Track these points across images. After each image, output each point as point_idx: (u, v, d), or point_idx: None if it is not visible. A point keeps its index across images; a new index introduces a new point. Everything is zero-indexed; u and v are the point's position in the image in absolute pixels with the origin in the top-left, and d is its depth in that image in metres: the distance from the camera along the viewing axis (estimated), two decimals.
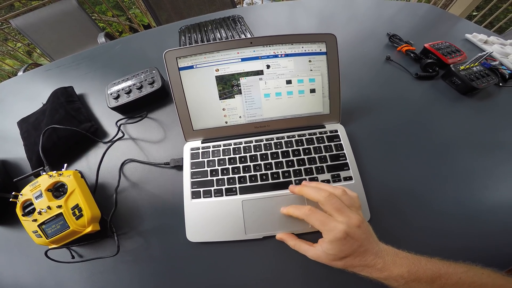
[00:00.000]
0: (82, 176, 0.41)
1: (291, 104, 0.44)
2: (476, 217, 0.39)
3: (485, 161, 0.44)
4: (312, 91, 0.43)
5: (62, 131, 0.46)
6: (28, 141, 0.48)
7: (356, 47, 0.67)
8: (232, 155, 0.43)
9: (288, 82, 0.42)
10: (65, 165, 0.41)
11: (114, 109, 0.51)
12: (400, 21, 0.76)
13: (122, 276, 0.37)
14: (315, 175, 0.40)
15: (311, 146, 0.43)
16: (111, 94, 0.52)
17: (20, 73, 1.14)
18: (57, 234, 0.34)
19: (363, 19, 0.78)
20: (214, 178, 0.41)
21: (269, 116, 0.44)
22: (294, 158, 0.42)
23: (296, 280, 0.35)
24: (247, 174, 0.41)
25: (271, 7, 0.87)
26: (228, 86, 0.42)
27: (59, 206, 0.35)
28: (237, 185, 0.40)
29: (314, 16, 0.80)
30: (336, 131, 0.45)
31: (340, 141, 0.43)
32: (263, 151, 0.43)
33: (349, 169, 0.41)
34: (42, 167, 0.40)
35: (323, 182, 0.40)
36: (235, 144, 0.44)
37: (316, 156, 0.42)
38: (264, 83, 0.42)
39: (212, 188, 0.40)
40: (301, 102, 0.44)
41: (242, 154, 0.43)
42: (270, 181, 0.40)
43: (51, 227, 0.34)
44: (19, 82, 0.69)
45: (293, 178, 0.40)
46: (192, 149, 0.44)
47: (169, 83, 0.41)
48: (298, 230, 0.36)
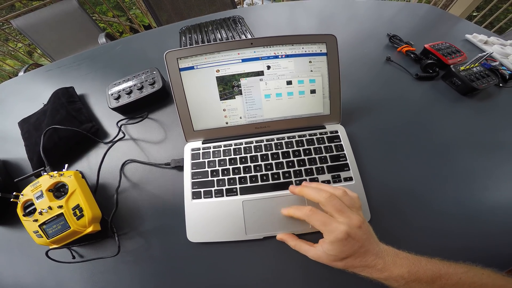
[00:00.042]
0: (83, 176, 0.41)
1: (292, 104, 0.44)
2: (476, 217, 0.39)
3: (485, 161, 0.44)
4: (313, 91, 0.43)
5: (63, 132, 0.46)
6: (29, 142, 0.48)
7: (356, 47, 0.67)
8: (232, 156, 0.43)
9: (289, 83, 0.43)
10: (66, 165, 0.41)
11: (115, 109, 0.52)
12: (400, 22, 0.76)
13: (123, 276, 0.37)
14: (315, 175, 0.40)
15: (311, 147, 0.43)
16: (112, 94, 0.52)
17: (21, 74, 1.14)
18: (58, 234, 0.34)
19: (363, 20, 0.78)
20: (215, 179, 0.41)
21: (270, 117, 0.45)
22: (295, 159, 0.42)
23: (297, 280, 0.35)
24: (247, 175, 0.41)
25: (271, 8, 0.88)
26: (228, 86, 0.42)
27: (60, 206, 0.35)
28: (238, 186, 0.40)
29: (314, 16, 0.80)
30: (337, 132, 0.45)
31: (340, 141, 0.44)
32: (263, 152, 0.43)
33: (349, 170, 0.41)
34: (43, 168, 0.41)
35: (324, 182, 0.40)
36: (235, 144, 0.44)
37: (317, 156, 0.42)
38: (264, 84, 0.42)
39: (213, 189, 0.40)
40: (301, 103, 0.44)
41: (243, 155, 0.43)
42: (271, 181, 0.40)
43: (52, 227, 0.34)
44: (20, 83, 0.69)
45: (293, 179, 0.40)
46: (192, 149, 0.44)
47: (169, 84, 0.41)
48: (298, 230, 0.36)
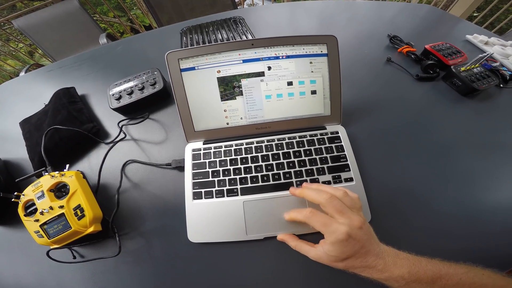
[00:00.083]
0: (84, 176, 0.41)
1: (292, 105, 0.44)
2: (477, 218, 0.39)
3: (485, 162, 0.44)
4: (313, 92, 0.44)
5: (64, 132, 0.47)
6: (30, 142, 0.48)
7: (357, 48, 0.67)
8: (233, 156, 0.43)
9: (289, 83, 0.43)
10: (67, 165, 0.41)
11: (116, 110, 0.52)
12: (400, 22, 0.76)
13: (123, 277, 0.37)
14: (316, 176, 0.40)
15: (312, 148, 0.43)
16: (113, 95, 0.52)
17: (22, 74, 1.14)
18: (59, 234, 0.34)
19: (364, 20, 0.78)
20: (216, 179, 0.41)
21: (270, 118, 0.45)
22: (295, 159, 0.42)
23: (297, 281, 0.35)
24: (248, 175, 0.41)
25: (271, 8, 0.88)
26: (229, 87, 0.42)
27: (61, 207, 0.35)
28: (238, 186, 0.40)
29: (314, 17, 0.80)
30: (337, 133, 0.45)
31: (341, 142, 0.44)
32: (264, 152, 0.43)
33: (350, 170, 0.41)
34: (44, 168, 0.41)
35: (324, 183, 0.40)
36: (236, 145, 0.44)
37: (317, 157, 0.42)
38: (265, 85, 0.42)
39: (214, 189, 0.40)
40: (302, 104, 0.44)
41: (243, 155, 0.43)
42: (271, 182, 0.40)
43: (53, 227, 0.34)
44: (21, 83, 0.69)
45: (294, 179, 0.40)
46: (193, 150, 0.44)
47: (171, 84, 0.41)
48: (299, 231, 0.37)
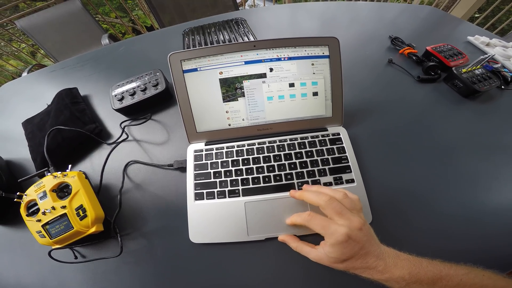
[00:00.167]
0: (87, 177, 0.41)
1: (294, 107, 0.44)
2: (477, 219, 0.39)
3: (487, 163, 0.44)
4: (315, 94, 0.44)
5: (66, 132, 0.47)
6: (33, 142, 0.48)
7: (358, 50, 0.67)
8: (235, 157, 0.43)
9: (291, 85, 0.43)
10: (70, 166, 0.41)
11: (118, 110, 0.52)
12: (402, 24, 0.76)
13: (125, 277, 0.37)
14: (317, 177, 0.41)
15: (313, 149, 0.43)
16: (115, 95, 0.52)
17: (25, 74, 1.15)
18: (61, 235, 0.34)
19: (365, 22, 0.78)
20: (217, 180, 0.41)
21: (272, 119, 0.45)
22: (297, 161, 0.42)
23: (298, 281, 0.35)
24: (249, 176, 0.41)
25: (273, 10, 0.88)
26: (231, 88, 0.42)
27: (63, 207, 0.35)
28: (240, 187, 0.40)
29: (316, 18, 0.80)
30: (339, 134, 0.45)
31: (342, 144, 0.44)
32: (265, 154, 0.43)
33: (351, 172, 0.41)
34: (46, 168, 0.41)
35: (326, 184, 0.40)
36: (238, 146, 0.44)
37: (319, 158, 0.42)
38: (267, 86, 0.43)
39: (215, 190, 0.40)
40: (303, 105, 0.44)
41: (245, 157, 0.43)
42: (273, 183, 0.40)
43: (55, 227, 0.34)
44: (24, 83, 0.70)
45: (295, 181, 0.40)
46: (195, 151, 0.44)
47: (173, 85, 0.42)
48: (300, 232, 0.37)
